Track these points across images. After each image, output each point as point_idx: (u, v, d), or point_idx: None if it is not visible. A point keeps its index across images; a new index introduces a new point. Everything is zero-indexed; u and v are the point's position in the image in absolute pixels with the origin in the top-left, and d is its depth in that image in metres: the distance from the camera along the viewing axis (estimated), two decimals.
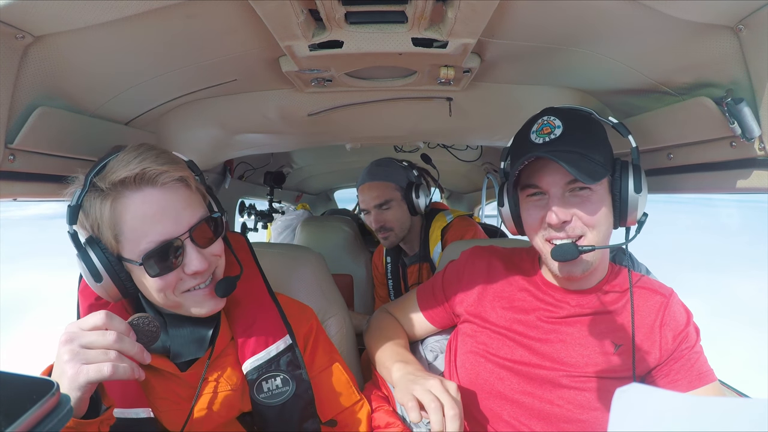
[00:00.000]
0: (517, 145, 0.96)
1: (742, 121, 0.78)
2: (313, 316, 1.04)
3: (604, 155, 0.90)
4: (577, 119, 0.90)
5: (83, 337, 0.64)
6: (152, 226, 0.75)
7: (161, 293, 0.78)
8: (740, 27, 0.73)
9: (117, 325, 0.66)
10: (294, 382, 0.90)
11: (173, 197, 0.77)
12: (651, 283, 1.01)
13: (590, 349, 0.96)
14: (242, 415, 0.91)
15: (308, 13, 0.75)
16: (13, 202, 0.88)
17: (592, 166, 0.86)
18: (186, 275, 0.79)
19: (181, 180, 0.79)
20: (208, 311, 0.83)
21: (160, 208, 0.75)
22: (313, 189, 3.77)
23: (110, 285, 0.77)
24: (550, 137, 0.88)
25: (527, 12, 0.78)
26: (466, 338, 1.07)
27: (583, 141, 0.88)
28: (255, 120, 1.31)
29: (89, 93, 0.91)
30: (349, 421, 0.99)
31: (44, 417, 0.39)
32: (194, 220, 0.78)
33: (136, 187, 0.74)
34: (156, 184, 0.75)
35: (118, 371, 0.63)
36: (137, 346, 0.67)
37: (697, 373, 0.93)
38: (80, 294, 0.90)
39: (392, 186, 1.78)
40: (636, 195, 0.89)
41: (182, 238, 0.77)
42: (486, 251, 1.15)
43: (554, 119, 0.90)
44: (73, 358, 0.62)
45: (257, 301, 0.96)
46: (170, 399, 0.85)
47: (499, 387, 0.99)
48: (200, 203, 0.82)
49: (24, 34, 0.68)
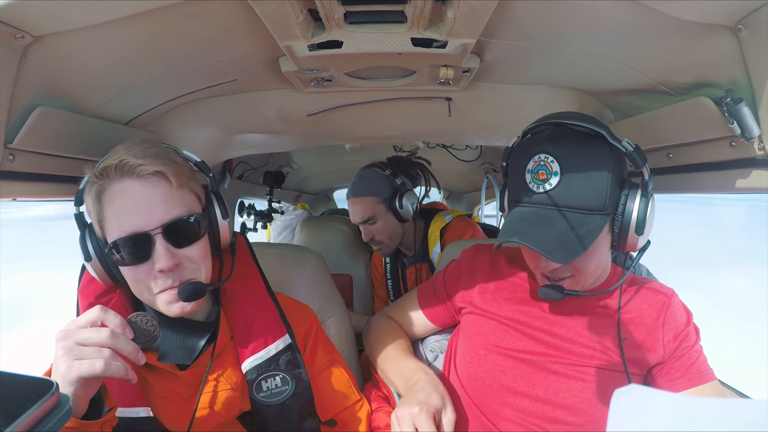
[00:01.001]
0: (513, 174, 0.92)
1: (742, 120, 0.78)
2: (312, 316, 1.04)
3: (605, 194, 0.85)
4: (578, 156, 0.85)
5: (78, 334, 0.64)
6: (126, 216, 0.76)
7: (135, 285, 0.80)
8: (740, 27, 0.73)
9: (112, 319, 0.67)
10: (293, 381, 0.90)
11: (150, 191, 0.77)
12: (653, 283, 1.02)
13: (595, 341, 0.96)
14: (242, 414, 0.91)
15: (307, 13, 0.75)
16: (12, 202, 0.88)
17: (583, 232, 0.83)
18: (156, 272, 0.78)
19: (159, 174, 0.77)
20: (174, 314, 0.81)
21: (135, 200, 0.76)
22: (313, 189, 3.77)
23: (98, 266, 0.81)
24: (545, 186, 0.85)
25: (527, 12, 0.78)
26: (467, 332, 1.07)
27: (580, 191, 0.84)
28: (254, 120, 1.31)
29: (89, 93, 0.91)
30: (348, 421, 0.99)
31: (43, 417, 0.39)
32: (168, 218, 0.77)
33: (118, 177, 0.77)
34: (134, 175, 0.76)
35: (110, 368, 0.63)
36: (132, 345, 0.67)
37: (696, 371, 0.94)
38: (80, 293, 0.90)
39: (374, 200, 1.75)
40: (637, 236, 0.88)
41: (153, 233, 0.76)
42: (488, 249, 1.15)
43: (552, 161, 0.85)
44: (66, 353, 0.63)
45: (256, 301, 0.96)
46: (169, 398, 0.85)
47: (502, 378, 0.99)
48: (184, 202, 0.80)
49: (23, 34, 0.68)
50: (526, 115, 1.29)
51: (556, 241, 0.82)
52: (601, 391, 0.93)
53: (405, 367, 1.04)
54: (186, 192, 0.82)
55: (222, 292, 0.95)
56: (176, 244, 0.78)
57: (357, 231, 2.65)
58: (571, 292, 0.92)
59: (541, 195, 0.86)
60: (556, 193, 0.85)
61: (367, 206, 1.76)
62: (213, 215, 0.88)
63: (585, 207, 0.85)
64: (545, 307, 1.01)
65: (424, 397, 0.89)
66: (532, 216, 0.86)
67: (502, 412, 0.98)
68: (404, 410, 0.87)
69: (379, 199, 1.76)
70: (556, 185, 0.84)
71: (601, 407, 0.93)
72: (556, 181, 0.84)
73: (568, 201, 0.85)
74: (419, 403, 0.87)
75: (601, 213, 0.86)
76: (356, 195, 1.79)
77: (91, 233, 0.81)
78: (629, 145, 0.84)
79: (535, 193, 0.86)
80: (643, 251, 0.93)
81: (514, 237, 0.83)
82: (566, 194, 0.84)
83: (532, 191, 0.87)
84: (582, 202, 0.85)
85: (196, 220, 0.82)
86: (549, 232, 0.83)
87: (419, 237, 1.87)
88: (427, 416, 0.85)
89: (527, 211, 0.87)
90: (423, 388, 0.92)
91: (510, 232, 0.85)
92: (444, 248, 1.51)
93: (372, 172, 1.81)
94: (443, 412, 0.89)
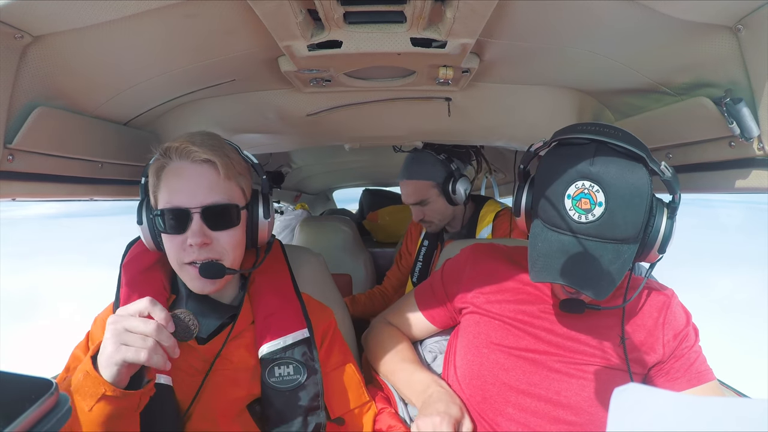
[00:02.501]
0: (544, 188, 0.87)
1: (741, 121, 0.78)
2: (332, 317, 1.07)
3: (642, 223, 0.83)
4: (622, 186, 0.80)
5: (127, 321, 0.71)
6: (175, 192, 0.85)
7: (170, 252, 0.87)
8: (739, 27, 0.73)
9: (158, 313, 0.73)
10: (306, 372, 0.92)
11: (199, 175, 0.86)
12: (653, 283, 1.03)
13: (596, 340, 0.96)
14: (251, 404, 0.92)
15: (307, 13, 0.75)
16: (13, 201, 0.88)
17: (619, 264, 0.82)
18: (187, 245, 0.85)
19: (210, 162, 0.86)
20: (197, 289, 0.88)
21: (185, 179, 0.85)
22: (312, 189, 3.77)
23: (146, 231, 0.90)
24: (587, 217, 0.81)
25: (526, 12, 0.78)
26: (468, 331, 1.07)
27: (622, 224, 0.81)
28: (254, 120, 1.31)
29: (88, 93, 0.91)
30: (356, 421, 1.00)
31: (43, 417, 0.39)
32: (208, 201, 0.85)
33: (177, 157, 0.86)
34: (189, 158, 0.85)
35: (152, 359, 0.70)
36: (172, 340, 0.73)
37: (695, 371, 0.94)
38: (123, 267, 0.96)
39: (428, 184, 1.75)
40: (658, 254, 0.88)
41: (192, 211, 0.84)
42: (488, 248, 1.15)
43: (597, 191, 0.80)
44: (114, 336, 0.70)
45: (281, 294, 1.00)
46: (184, 371, 0.89)
47: (504, 377, 0.99)
48: (227, 192, 0.88)
49: (23, 34, 0.68)
50: (526, 115, 1.29)
51: (597, 278, 0.81)
52: (602, 390, 0.93)
53: (417, 379, 1.04)
54: (232, 184, 0.89)
55: (251, 282, 1.00)
56: (211, 225, 0.86)
57: (357, 231, 2.66)
58: (593, 307, 0.92)
59: (583, 225, 0.82)
60: (599, 225, 0.81)
61: (421, 189, 1.75)
62: (255, 212, 0.95)
63: (624, 238, 0.83)
64: (547, 306, 1.01)
65: (444, 407, 0.91)
66: (573, 248, 0.83)
67: (504, 411, 0.97)
68: (426, 421, 0.88)
69: (432, 183, 1.75)
70: (600, 216, 0.81)
71: (602, 406, 0.93)
72: (600, 212, 0.81)
73: (608, 233, 0.82)
74: (440, 413, 0.89)
75: (635, 242, 0.85)
76: (410, 177, 1.77)
77: (147, 202, 0.90)
78: (667, 170, 0.82)
79: (576, 222, 0.82)
80: (657, 261, 0.92)
81: (561, 279, 0.82)
82: (610, 226, 0.81)
83: (573, 219, 0.83)
84: (622, 234, 0.82)
85: (235, 209, 0.89)
86: (593, 269, 0.81)
87: (467, 217, 1.86)
88: (449, 426, 0.86)
89: (567, 241, 0.84)
90: (441, 399, 0.94)
91: (553, 269, 0.83)
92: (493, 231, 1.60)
93: (426, 155, 1.79)
94: (462, 422, 0.91)
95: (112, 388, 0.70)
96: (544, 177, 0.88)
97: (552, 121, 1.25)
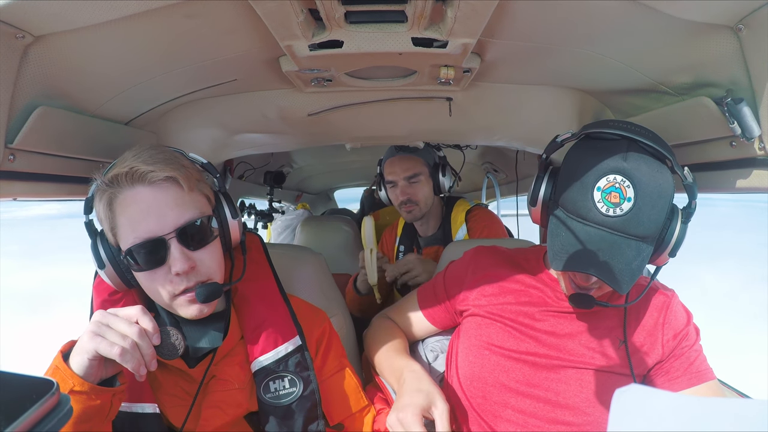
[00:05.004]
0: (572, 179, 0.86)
1: (742, 120, 0.78)
2: (326, 320, 1.04)
3: (661, 223, 0.84)
4: (651, 183, 0.81)
5: (111, 319, 0.69)
6: (138, 223, 0.77)
7: (151, 289, 0.81)
8: (740, 27, 0.73)
9: (147, 322, 0.71)
10: (301, 383, 0.90)
11: (161, 196, 0.78)
12: (654, 283, 1.02)
13: (596, 342, 0.96)
14: (249, 414, 0.91)
15: (308, 13, 0.75)
16: (14, 201, 0.88)
17: (639, 261, 0.83)
18: (172, 275, 0.79)
19: (171, 179, 0.79)
20: (192, 316, 0.82)
21: (147, 206, 0.77)
22: (313, 189, 3.77)
23: (112, 273, 0.82)
24: (616, 211, 0.81)
25: (527, 12, 0.78)
26: (469, 333, 1.07)
27: (646, 221, 0.82)
28: (255, 120, 1.31)
29: (89, 93, 0.91)
30: (356, 427, 0.99)
31: (44, 417, 0.39)
32: (181, 221, 0.78)
33: (128, 184, 0.77)
34: (145, 182, 0.77)
35: (125, 356, 0.67)
36: (152, 351, 0.71)
37: (696, 371, 0.94)
38: (94, 289, 0.91)
39: (421, 161, 1.80)
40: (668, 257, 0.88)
41: (167, 238, 0.77)
42: (490, 251, 1.15)
43: (628, 186, 0.80)
44: (93, 329, 0.68)
45: (268, 301, 0.96)
46: (176, 395, 0.86)
47: (504, 379, 0.98)
48: (195, 205, 0.81)
49: (24, 33, 0.68)
50: (527, 115, 1.29)
51: (621, 272, 0.81)
52: (602, 391, 0.93)
53: (396, 365, 1.04)
54: (196, 195, 0.83)
55: (233, 292, 0.96)
56: (190, 246, 0.80)
57: (358, 231, 2.66)
58: (601, 303, 0.91)
59: (610, 219, 0.82)
60: (626, 220, 0.81)
61: (415, 164, 1.79)
62: (223, 215, 0.89)
63: (645, 236, 0.83)
64: (548, 308, 1.01)
65: (408, 398, 0.89)
66: (600, 242, 0.83)
67: (503, 413, 0.97)
68: (392, 417, 0.87)
69: (425, 162, 1.80)
70: (628, 212, 0.81)
71: (602, 408, 0.93)
72: (628, 207, 0.81)
73: (632, 230, 0.82)
74: (405, 406, 0.87)
75: (653, 242, 0.85)
76: (405, 152, 1.81)
77: (103, 240, 0.81)
78: (689, 175, 0.83)
79: (604, 216, 0.82)
80: (664, 264, 0.92)
81: (589, 270, 0.82)
82: (635, 223, 0.81)
83: (600, 212, 0.82)
84: (645, 232, 0.82)
85: (208, 221, 0.83)
86: (617, 263, 0.81)
87: (441, 217, 1.89)
88: (413, 418, 0.84)
89: (593, 233, 0.83)
90: (408, 390, 0.92)
91: (580, 260, 0.83)
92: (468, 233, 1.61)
93: None
94: (433, 407, 0.87)
95: (81, 382, 0.67)
96: (573, 168, 0.87)
97: (553, 121, 1.25)
